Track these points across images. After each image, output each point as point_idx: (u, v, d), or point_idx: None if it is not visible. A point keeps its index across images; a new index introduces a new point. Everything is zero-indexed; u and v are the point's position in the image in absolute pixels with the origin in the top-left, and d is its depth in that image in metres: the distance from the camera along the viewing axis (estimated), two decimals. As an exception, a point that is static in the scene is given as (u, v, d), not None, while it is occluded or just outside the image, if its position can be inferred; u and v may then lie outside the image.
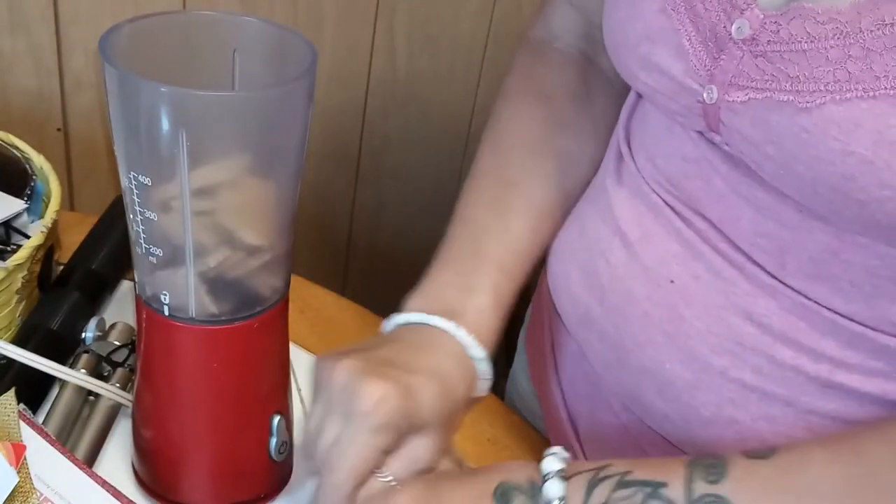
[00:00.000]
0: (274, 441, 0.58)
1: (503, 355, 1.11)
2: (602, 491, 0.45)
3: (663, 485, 0.44)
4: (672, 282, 0.54)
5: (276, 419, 0.57)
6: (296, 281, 0.57)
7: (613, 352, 0.59)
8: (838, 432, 0.48)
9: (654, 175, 0.56)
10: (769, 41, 0.46)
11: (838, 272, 0.48)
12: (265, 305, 0.54)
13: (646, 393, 0.57)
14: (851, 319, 0.49)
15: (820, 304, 0.50)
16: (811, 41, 0.44)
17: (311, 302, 0.79)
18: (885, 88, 0.41)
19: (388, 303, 0.90)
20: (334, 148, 1.17)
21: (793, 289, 0.50)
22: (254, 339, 0.55)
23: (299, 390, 0.70)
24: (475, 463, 0.66)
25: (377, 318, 0.79)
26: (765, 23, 0.46)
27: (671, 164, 0.55)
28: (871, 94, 0.41)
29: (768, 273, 0.51)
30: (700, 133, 0.52)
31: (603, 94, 0.67)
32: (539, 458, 0.48)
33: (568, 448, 0.67)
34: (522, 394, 0.77)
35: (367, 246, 1.28)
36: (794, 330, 0.51)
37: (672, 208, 0.55)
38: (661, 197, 0.55)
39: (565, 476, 0.46)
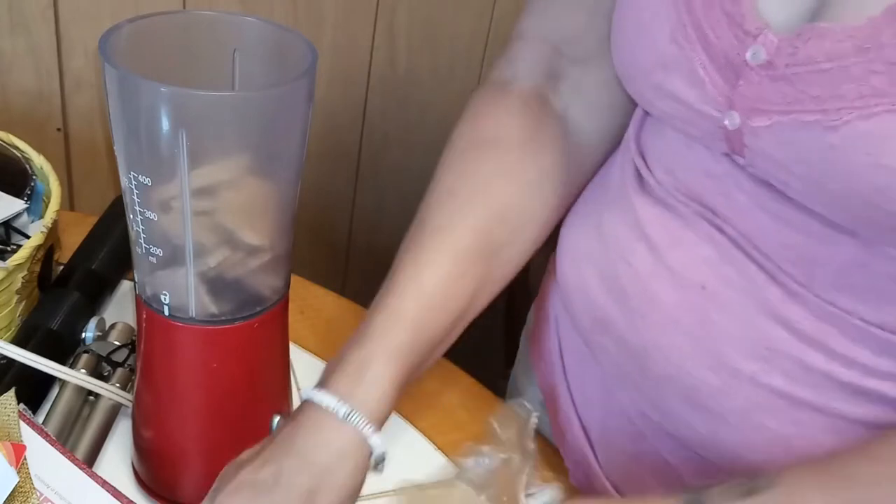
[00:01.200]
0: (274, 441, 0.58)
1: (504, 355, 1.11)
2: None
3: None
4: (703, 287, 0.53)
5: (276, 419, 0.57)
6: (295, 281, 0.57)
7: (633, 357, 0.58)
8: (822, 459, 0.48)
9: (676, 186, 0.56)
10: (787, 64, 0.46)
11: (867, 283, 0.48)
12: (265, 305, 0.54)
13: (668, 400, 0.57)
14: (882, 328, 0.49)
15: (849, 314, 0.49)
16: (831, 60, 0.44)
17: (311, 302, 0.79)
18: None
19: (388, 303, 0.90)
20: (334, 147, 1.17)
21: (822, 298, 0.50)
22: (254, 339, 0.55)
23: (299, 390, 0.70)
24: (475, 463, 0.66)
25: (377, 318, 0.79)
26: (780, 46, 0.46)
27: (692, 178, 0.55)
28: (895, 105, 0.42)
29: (798, 282, 0.51)
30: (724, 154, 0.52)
31: (553, 143, 0.63)
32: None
33: (580, 455, 0.67)
34: (523, 394, 0.77)
35: (367, 246, 1.28)
36: (826, 336, 0.50)
37: (700, 216, 0.54)
38: (688, 206, 0.55)
39: None
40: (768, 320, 0.51)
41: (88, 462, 0.61)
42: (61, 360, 0.65)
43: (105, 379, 0.66)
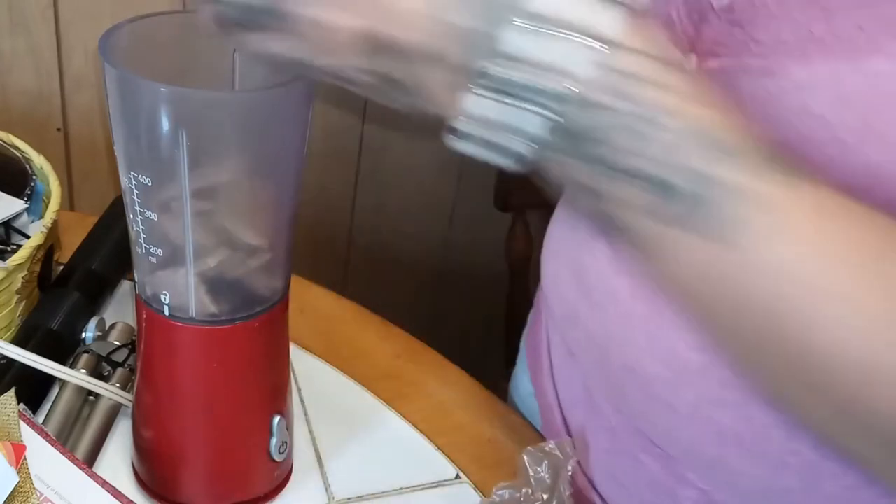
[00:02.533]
0: (274, 441, 0.58)
1: (504, 355, 1.11)
2: None
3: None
4: None
5: (276, 419, 0.57)
6: (295, 280, 0.57)
7: (599, 350, 0.59)
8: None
9: None
10: (744, 9, 0.46)
11: None
12: (265, 306, 0.54)
13: (630, 393, 0.57)
14: None
15: None
16: (780, 6, 0.44)
17: (311, 302, 0.79)
18: (845, 48, 0.42)
19: (387, 302, 0.90)
20: (334, 147, 1.17)
21: None
22: (254, 339, 0.55)
23: (299, 390, 0.70)
24: (474, 464, 0.66)
25: (377, 318, 0.79)
26: None
27: None
28: (831, 53, 0.42)
29: None
30: None
31: None
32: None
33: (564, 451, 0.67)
34: (523, 395, 0.77)
35: (367, 246, 1.28)
36: None
37: None
38: None
39: None
40: None
41: (88, 462, 0.61)
42: (61, 360, 0.65)
43: (105, 379, 0.66)
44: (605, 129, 0.37)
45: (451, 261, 1.34)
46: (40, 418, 0.63)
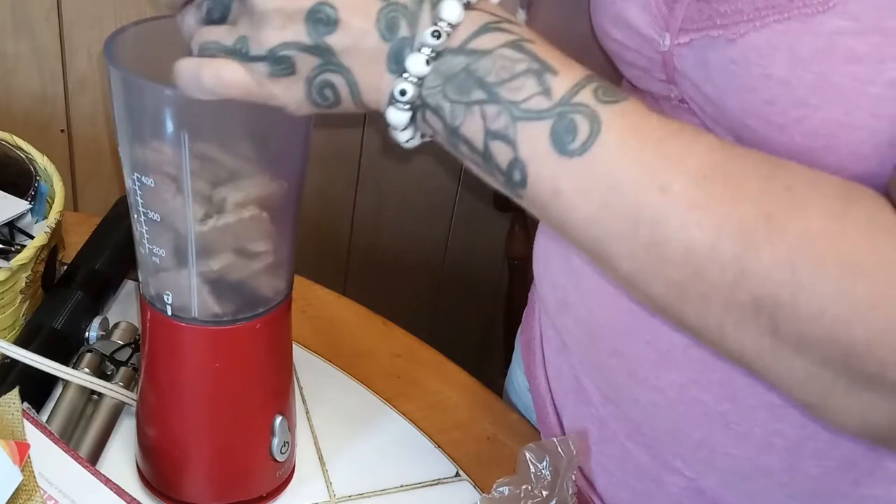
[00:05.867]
0: (276, 441, 0.58)
1: (504, 355, 1.11)
2: (492, 39, 0.41)
3: (554, 72, 0.40)
4: None
5: (279, 419, 0.58)
6: (297, 281, 0.57)
7: (588, 336, 0.60)
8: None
9: None
10: None
11: None
12: (268, 306, 0.54)
13: (617, 376, 0.58)
14: None
15: None
16: None
17: (313, 301, 0.80)
18: (799, 8, 0.43)
19: (388, 302, 0.91)
20: (335, 149, 1.17)
21: None
22: (256, 339, 0.55)
23: (301, 389, 0.71)
24: (473, 462, 0.67)
25: (378, 318, 0.80)
26: None
27: None
28: (786, 16, 0.43)
29: None
30: (666, 98, 0.53)
31: None
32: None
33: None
34: (518, 390, 0.77)
35: (368, 246, 1.28)
36: None
37: None
38: None
39: (470, 5, 0.42)
40: None
41: (92, 460, 0.61)
42: (65, 359, 0.65)
43: (108, 378, 0.66)
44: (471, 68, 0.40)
45: (450, 261, 1.35)
46: (44, 417, 0.64)
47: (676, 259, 0.39)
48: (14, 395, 0.58)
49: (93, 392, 0.66)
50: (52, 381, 0.66)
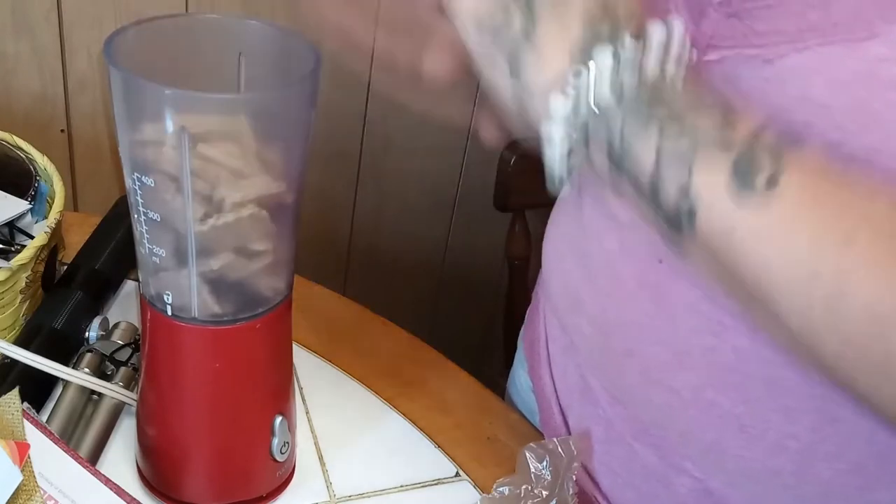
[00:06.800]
0: (276, 441, 0.58)
1: (504, 355, 1.11)
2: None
3: (737, 111, 0.39)
4: (661, 261, 0.55)
5: (279, 419, 0.58)
6: (297, 281, 0.57)
7: (601, 335, 0.60)
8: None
9: None
10: (741, 1, 0.47)
11: None
12: (268, 306, 0.54)
13: (629, 376, 0.58)
14: None
15: None
16: None
17: (313, 301, 0.80)
18: (841, 34, 0.42)
19: (388, 302, 0.91)
20: (336, 149, 1.17)
21: None
22: (256, 339, 0.55)
23: (301, 389, 0.71)
24: (473, 462, 0.67)
25: (378, 318, 0.80)
26: None
27: None
28: (828, 40, 0.43)
29: None
30: None
31: None
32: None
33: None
34: (521, 391, 0.77)
35: (368, 246, 1.28)
36: None
37: None
38: None
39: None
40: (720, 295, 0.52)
41: (92, 460, 0.61)
42: (65, 359, 0.65)
43: (108, 378, 0.66)
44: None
45: (451, 261, 1.35)
46: (44, 417, 0.64)
47: (858, 316, 0.37)
48: (14, 395, 0.58)
49: (93, 392, 0.66)
50: (52, 381, 0.66)
